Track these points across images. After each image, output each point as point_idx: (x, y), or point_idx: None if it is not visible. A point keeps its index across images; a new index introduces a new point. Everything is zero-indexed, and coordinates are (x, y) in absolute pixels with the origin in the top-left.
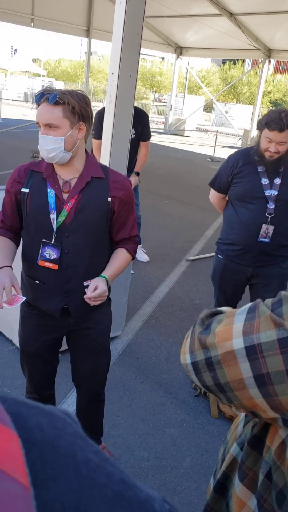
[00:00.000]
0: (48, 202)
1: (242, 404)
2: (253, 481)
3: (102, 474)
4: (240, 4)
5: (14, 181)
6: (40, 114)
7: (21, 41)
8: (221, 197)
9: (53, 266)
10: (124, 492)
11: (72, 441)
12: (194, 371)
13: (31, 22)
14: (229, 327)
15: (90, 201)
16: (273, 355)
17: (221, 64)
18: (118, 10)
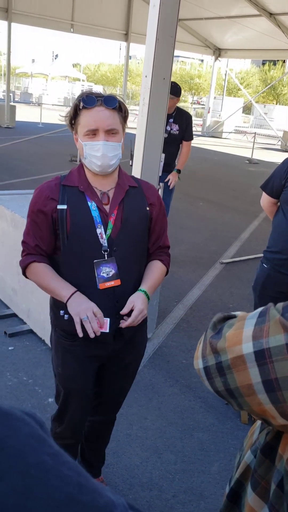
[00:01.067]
0: (93, 216)
1: (252, 410)
2: (266, 490)
3: (55, 477)
4: (279, 4)
5: (46, 199)
6: (99, 119)
7: (62, 47)
8: (272, 202)
9: (115, 282)
10: (80, 496)
11: (25, 442)
12: (206, 376)
13: (71, 28)
14: (240, 331)
15: (133, 210)
16: (281, 360)
17: (260, 65)
18: (152, 13)
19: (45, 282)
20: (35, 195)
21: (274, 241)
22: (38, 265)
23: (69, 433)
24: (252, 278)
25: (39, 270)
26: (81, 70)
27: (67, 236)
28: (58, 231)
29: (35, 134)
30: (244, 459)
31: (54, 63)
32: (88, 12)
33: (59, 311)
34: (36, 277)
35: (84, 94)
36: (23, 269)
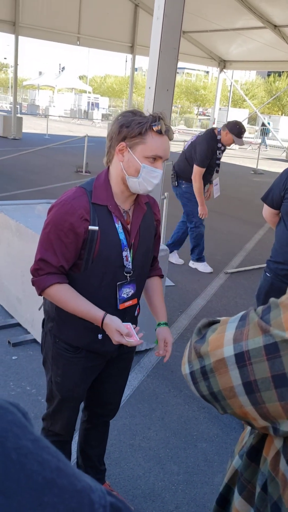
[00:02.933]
0: (120, 239)
1: (235, 412)
2: (252, 493)
3: (34, 461)
4: (284, 16)
5: (80, 219)
6: (166, 148)
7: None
8: (274, 213)
9: (132, 302)
10: (57, 479)
11: (7, 428)
12: (192, 381)
13: (77, 41)
14: (222, 335)
15: (147, 229)
16: (260, 362)
17: (266, 76)
18: (155, 25)
19: (72, 304)
20: (64, 212)
21: (276, 251)
22: (62, 286)
23: (63, 430)
24: (256, 288)
25: (65, 292)
26: (88, 82)
27: (94, 257)
28: (83, 251)
29: (42, 146)
30: (232, 464)
31: (61, 75)
32: (94, 25)
33: (68, 326)
34: (60, 299)
35: (159, 118)
36: (41, 289)
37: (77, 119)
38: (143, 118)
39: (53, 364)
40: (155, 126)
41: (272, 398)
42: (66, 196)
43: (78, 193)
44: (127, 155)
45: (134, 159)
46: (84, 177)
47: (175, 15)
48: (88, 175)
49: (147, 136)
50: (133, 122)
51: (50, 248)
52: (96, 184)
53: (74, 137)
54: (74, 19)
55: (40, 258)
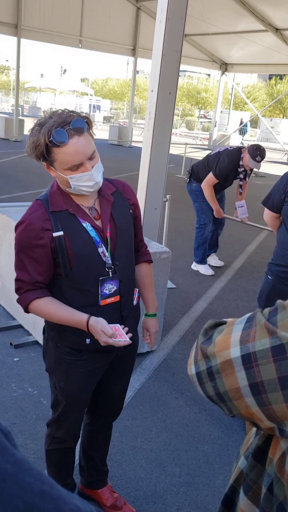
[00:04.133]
0: (91, 236)
1: (241, 413)
2: (257, 494)
3: (14, 484)
4: (285, 19)
5: (40, 231)
6: (79, 151)
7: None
8: (274, 216)
9: (115, 298)
10: (40, 504)
11: None
12: (198, 381)
13: (79, 43)
14: (228, 336)
15: (121, 218)
16: (266, 363)
17: (267, 79)
18: (158, 29)
19: (55, 315)
20: (23, 229)
21: (278, 254)
22: (42, 300)
23: (68, 436)
24: (257, 291)
25: (45, 306)
26: (89, 85)
27: (70, 262)
28: (58, 260)
29: None
30: (237, 465)
31: (63, 78)
32: (96, 28)
33: (68, 332)
34: (42, 312)
35: (51, 129)
36: (24, 307)
37: None
38: (36, 139)
39: (56, 369)
40: (49, 141)
41: (278, 400)
42: (25, 213)
43: (34, 208)
44: (52, 172)
45: (59, 174)
46: None
47: (178, 18)
48: None
49: (53, 153)
50: (32, 145)
51: (22, 267)
52: (51, 193)
53: None
54: (76, 22)
55: (16, 278)
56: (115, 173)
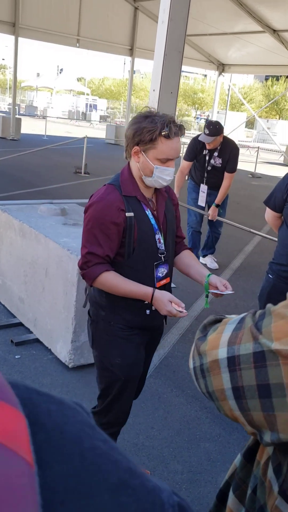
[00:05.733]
0: (152, 223)
1: (227, 415)
2: (244, 493)
3: (108, 461)
4: (283, 21)
5: (118, 210)
6: (176, 150)
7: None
8: (276, 216)
9: (166, 280)
10: (130, 480)
11: (80, 428)
12: (194, 376)
13: (77, 43)
14: (219, 336)
15: (170, 214)
16: (248, 369)
17: (263, 80)
18: (160, 29)
19: (122, 287)
20: (102, 207)
21: (279, 253)
22: (110, 273)
23: (119, 419)
24: (255, 290)
25: (113, 278)
26: (86, 84)
27: (134, 243)
28: (124, 240)
29: (40, 146)
30: (234, 462)
31: (59, 77)
32: (94, 27)
33: (121, 309)
34: (109, 284)
35: (168, 123)
36: (92, 279)
37: (75, 120)
38: (153, 126)
39: (111, 347)
40: (164, 132)
41: (256, 407)
42: (99, 194)
43: (109, 189)
44: (141, 157)
45: (148, 161)
46: (83, 178)
47: (180, 18)
48: (87, 176)
49: (158, 142)
50: (144, 129)
51: (95, 241)
52: (122, 179)
53: (73, 138)
54: (74, 21)
55: (88, 252)
56: (112, 172)
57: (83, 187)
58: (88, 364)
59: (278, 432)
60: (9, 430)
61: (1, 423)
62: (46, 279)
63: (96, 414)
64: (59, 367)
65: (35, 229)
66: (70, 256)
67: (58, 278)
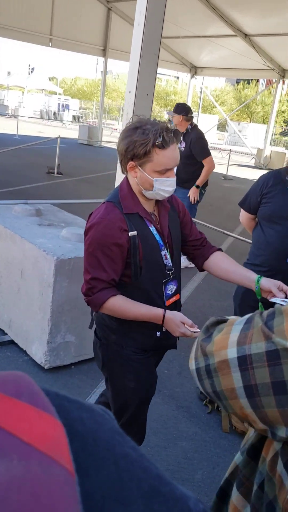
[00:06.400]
0: (157, 240)
1: (236, 413)
2: (249, 490)
3: (139, 468)
4: (254, 25)
5: (120, 230)
6: (174, 158)
7: (38, 60)
8: (250, 218)
9: (176, 297)
10: (161, 487)
11: (111, 436)
12: (197, 377)
13: (49, 42)
14: (226, 336)
15: (174, 224)
16: (261, 367)
17: (235, 83)
18: (137, 31)
19: (132, 311)
20: (103, 228)
21: (253, 254)
22: (117, 298)
23: (138, 440)
24: (230, 290)
25: (121, 303)
26: (58, 84)
27: (140, 261)
28: (129, 260)
29: (12, 146)
30: (234, 460)
31: (31, 76)
32: (66, 27)
33: (132, 332)
34: (118, 309)
35: (160, 132)
36: (99, 306)
37: (47, 120)
38: (145, 138)
39: (124, 371)
40: (158, 142)
41: (271, 404)
42: (98, 214)
43: (109, 208)
44: (138, 172)
45: (146, 175)
46: (56, 178)
47: (155, 21)
48: (60, 176)
49: (153, 154)
50: (136, 143)
51: (99, 266)
52: (122, 195)
53: (46, 138)
54: (46, 20)
55: (92, 277)
56: (87, 173)
57: (56, 187)
58: (64, 366)
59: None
60: (50, 439)
61: (42, 432)
62: (21, 280)
63: None
64: (35, 369)
65: (11, 230)
66: (46, 256)
67: (34, 279)
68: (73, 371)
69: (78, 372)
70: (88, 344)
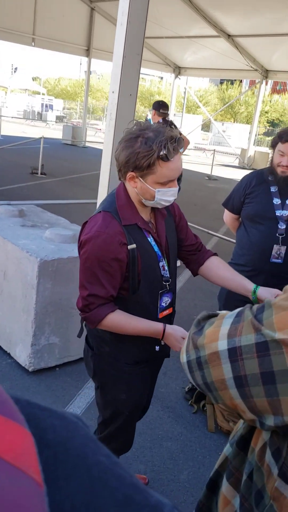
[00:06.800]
0: (155, 251)
1: (226, 404)
2: (238, 481)
3: (113, 477)
4: (237, 26)
5: (120, 245)
6: (178, 168)
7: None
8: (234, 218)
9: (169, 310)
10: (135, 495)
11: (84, 443)
12: (189, 369)
13: (32, 42)
14: (217, 329)
15: (171, 232)
16: (250, 358)
17: (218, 84)
18: (119, 31)
19: (131, 327)
20: (102, 243)
21: (237, 254)
22: (115, 314)
23: (124, 447)
24: (214, 290)
25: (119, 319)
26: (41, 84)
27: (139, 274)
28: (127, 274)
29: None
30: (223, 451)
31: (14, 76)
32: (49, 27)
33: (127, 345)
34: (116, 325)
35: (165, 143)
36: (97, 323)
37: (30, 120)
38: (149, 149)
39: (115, 382)
40: (162, 154)
41: (259, 394)
42: (96, 226)
43: (107, 219)
44: (138, 183)
45: (147, 187)
46: (39, 178)
47: (138, 22)
48: (44, 177)
49: (156, 167)
50: (139, 154)
51: (96, 282)
52: (119, 205)
53: (29, 139)
54: (29, 19)
55: (89, 294)
56: (71, 173)
57: (39, 188)
58: (49, 368)
59: (282, 415)
60: (16, 449)
61: (8, 442)
62: (4, 281)
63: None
64: (19, 371)
65: None
66: (29, 258)
67: (17, 280)
68: (58, 373)
69: (63, 374)
70: (73, 345)
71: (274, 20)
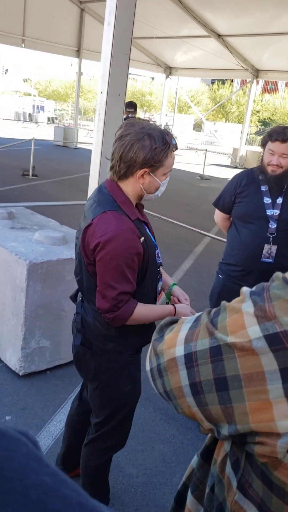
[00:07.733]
0: (152, 240)
1: (184, 412)
2: (202, 493)
3: (56, 498)
4: (227, 26)
5: (139, 239)
6: (173, 160)
7: (12, 61)
8: (225, 217)
9: (160, 294)
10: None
11: (24, 463)
12: (151, 377)
13: (22, 43)
14: (176, 335)
15: None
16: (205, 364)
17: (210, 84)
18: (107, 31)
19: (152, 315)
20: (124, 241)
21: (228, 254)
22: (139, 306)
23: (123, 439)
24: (206, 290)
25: (142, 310)
26: (32, 85)
27: (146, 264)
28: (141, 265)
29: None
30: (191, 463)
31: (4, 78)
32: (39, 28)
33: (132, 336)
34: (142, 316)
35: (171, 135)
36: (128, 317)
37: (22, 121)
38: (164, 144)
39: (120, 376)
40: (174, 143)
41: (213, 401)
42: (111, 225)
43: (119, 218)
44: (147, 177)
45: (156, 180)
46: (31, 180)
47: (126, 21)
48: (35, 178)
49: (166, 158)
50: (156, 150)
51: (124, 279)
52: (121, 202)
53: (20, 140)
54: (18, 20)
55: (120, 292)
56: (62, 174)
57: (31, 189)
58: (39, 371)
59: (235, 423)
60: None
61: None
62: None
63: (94, 441)
64: (9, 375)
65: None
66: (18, 261)
67: (6, 283)
68: (49, 377)
69: (54, 377)
70: (64, 348)
71: (264, 19)
